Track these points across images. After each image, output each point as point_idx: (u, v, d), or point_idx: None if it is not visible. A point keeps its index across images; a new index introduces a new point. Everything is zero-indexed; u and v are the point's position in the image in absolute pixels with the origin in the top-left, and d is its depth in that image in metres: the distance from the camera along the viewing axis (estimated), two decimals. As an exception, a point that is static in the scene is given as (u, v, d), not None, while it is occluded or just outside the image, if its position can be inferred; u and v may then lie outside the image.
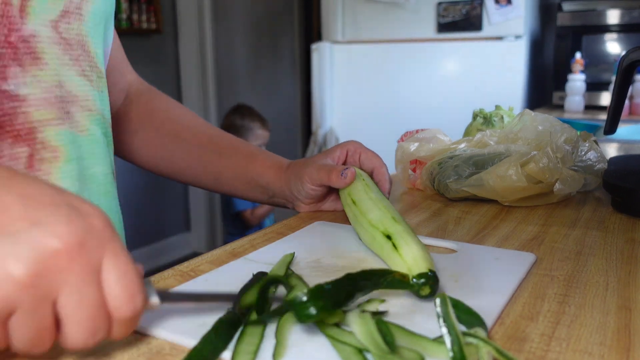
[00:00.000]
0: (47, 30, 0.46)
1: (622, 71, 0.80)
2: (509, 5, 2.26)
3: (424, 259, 0.44)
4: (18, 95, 0.44)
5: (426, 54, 2.45)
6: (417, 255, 0.44)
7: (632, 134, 1.44)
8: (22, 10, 0.44)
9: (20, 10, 0.44)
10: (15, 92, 0.44)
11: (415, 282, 0.41)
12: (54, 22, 0.47)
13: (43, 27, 0.46)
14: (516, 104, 2.29)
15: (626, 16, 2.25)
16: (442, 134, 0.89)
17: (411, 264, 0.44)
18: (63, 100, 0.48)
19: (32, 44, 0.45)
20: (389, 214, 0.51)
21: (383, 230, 0.49)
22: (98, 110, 0.53)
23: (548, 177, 0.71)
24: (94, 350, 0.36)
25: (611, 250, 0.56)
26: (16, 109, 0.44)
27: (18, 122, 0.45)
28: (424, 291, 0.41)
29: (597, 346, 0.36)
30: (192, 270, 0.50)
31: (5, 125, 0.44)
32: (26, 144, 0.45)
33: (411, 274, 0.42)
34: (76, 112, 0.50)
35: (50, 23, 0.46)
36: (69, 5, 0.48)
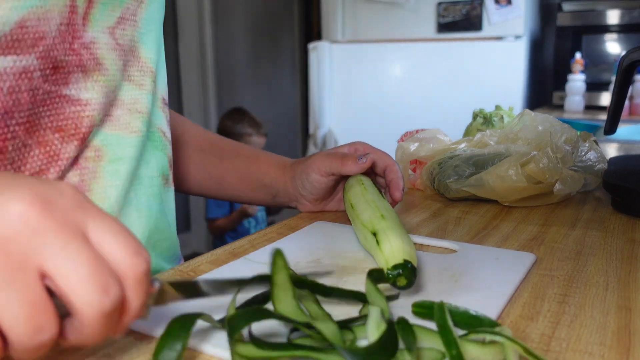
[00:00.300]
0: (105, 37, 0.48)
1: (622, 71, 0.80)
2: (509, 5, 2.26)
3: (401, 250, 0.44)
4: (80, 100, 0.46)
5: (426, 53, 2.45)
6: (394, 247, 0.44)
7: (632, 134, 1.44)
8: (85, 17, 0.45)
9: (83, 18, 0.45)
10: (76, 97, 0.45)
11: (390, 274, 0.41)
12: (111, 28, 0.48)
13: (101, 33, 0.47)
14: (516, 104, 2.29)
15: (626, 16, 2.25)
16: (442, 134, 0.89)
17: (388, 256, 0.44)
18: (115, 104, 0.50)
19: (93, 50, 0.46)
20: (378, 213, 0.51)
21: (371, 229, 0.49)
22: (149, 113, 0.54)
23: (548, 177, 0.71)
24: (94, 350, 0.36)
25: (611, 250, 0.56)
26: (79, 113, 0.46)
27: (83, 125, 0.46)
28: (400, 282, 0.41)
29: (597, 346, 0.36)
30: (192, 270, 0.50)
31: (69, 128, 0.45)
32: (86, 145, 0.47)
33: (387, 267, 0.42)
34: (123, 115, 0.51)
35: (108, 30, 0.48)
36: (126, 12, 0.49)
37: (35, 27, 0.41)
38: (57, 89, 0.44)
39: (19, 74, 0.41)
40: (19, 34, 0.40)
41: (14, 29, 0.40)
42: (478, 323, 0.37)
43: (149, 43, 0.53)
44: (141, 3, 0.51)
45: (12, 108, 0.41)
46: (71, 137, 0.46)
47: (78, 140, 0.46)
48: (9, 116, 0.41)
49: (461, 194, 0.75)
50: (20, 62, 0.41)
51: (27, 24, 0.40)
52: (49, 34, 0.42)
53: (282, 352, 0.31)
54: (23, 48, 0.41)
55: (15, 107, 0.41)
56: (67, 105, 0.45)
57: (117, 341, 0.37)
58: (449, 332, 0.33)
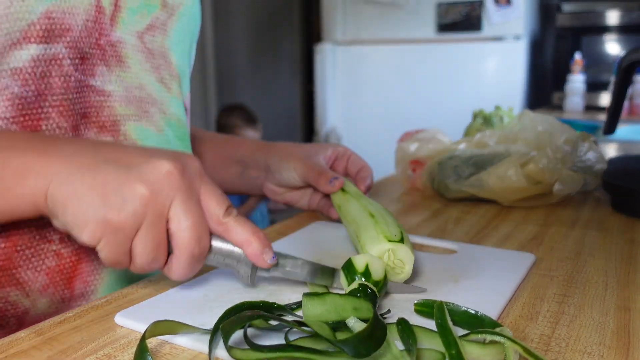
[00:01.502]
0: (132, 39, 0.52)
1: (621, 72, 0.80)
2: (509, 5, 2.26)
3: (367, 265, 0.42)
4: (104, 91, 0.50)
5: (426, 54, 2.45)
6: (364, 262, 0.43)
7: (632, 134, 1.44)
8: (113, 19, 0.50)
9: (111, 19, 0.50)
10: (101, 88, 0.50)
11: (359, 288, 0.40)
12: (140, 33, 0.53)
13: (129, 35, 0.52)
14: (516, 104, 2.29)
15: (626, 17, 2.25)
16: (442, 135, 0.89)
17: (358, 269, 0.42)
18: (142, 100, 0.54)
19: (118, 49, 0.51)
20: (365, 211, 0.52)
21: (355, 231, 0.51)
22: (173, 114, 0.58)
23: (548, 178, 0.71)
24: (94, 350, 0.36)
25: (611, 250, 0.56)
26: (102, 102, 0.50)
27: (103, 114, 0.50)
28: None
29: (597, 346, 0.37)
30: (192, 270, 0.50)
31: (91, 116, 0.49)
32: (110, 134, 0.51)
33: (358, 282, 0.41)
34: (155, 113, 0.55)
35: (137, 33, 0.53)
36: (155, 21, 0.54)
37: (61, 19, 0.46)
38: (86, 79, 0.49)
39: (49, 61, 0.46)
40: (46, 24, 0.45)
41: (41, 19, 0.44)
42: (479, 322, 0.37)
43: (178, 52, 0.58)
44: (171, 15, 0.56)
45: (45, 91, 0.46)
46: (92, 124, 0.49)
47: (97, 128, 0.50)
48: (42, 98, 0.46)
49: (461, 194, 0.75)
50: (50, 50, 0.46)
51: (52, 15, 0.45)
52: (75, 27, 0.47)
53: (280, 353, 0.31)
54: (52, 37, 0.45)
55: (48, 90, 0.46)
56: (92, 95, 0.49)
57: (117, 340, 0.37)
58: (448, 332, 0.33)
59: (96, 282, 0.51)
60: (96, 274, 0.51)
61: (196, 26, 0.61)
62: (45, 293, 0.48)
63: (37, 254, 0.47)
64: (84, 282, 0.50)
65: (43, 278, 0.47)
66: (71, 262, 0.49)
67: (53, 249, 0.48)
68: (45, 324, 0.40)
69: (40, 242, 0.47)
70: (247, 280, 0.43)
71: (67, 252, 0.48)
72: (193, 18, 0.60)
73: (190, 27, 0.60)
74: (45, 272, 0.48)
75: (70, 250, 0.49)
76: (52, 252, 0.48)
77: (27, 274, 0.47)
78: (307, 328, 0.34)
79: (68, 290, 0.49)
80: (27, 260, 0.47)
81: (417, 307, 0.40)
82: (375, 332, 0.32)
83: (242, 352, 0.32)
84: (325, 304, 0.36)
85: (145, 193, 0.37)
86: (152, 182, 0.37)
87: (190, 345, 0.36)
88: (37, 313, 0.48)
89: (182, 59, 0.59)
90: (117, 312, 0.40)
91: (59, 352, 0.36)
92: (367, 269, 0.41)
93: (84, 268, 0.50)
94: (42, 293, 0.48)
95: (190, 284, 0.46)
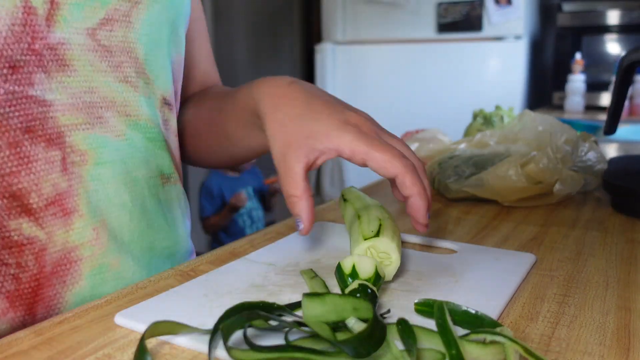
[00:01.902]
0: (80, 38, 0.47)
1: (622, 72, 0.80)
2: (509, 5, 2.26)
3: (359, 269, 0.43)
4: (45, 101, 0.46)
5: (426, 54, 2.45)
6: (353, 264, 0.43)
7: (632, 134, 1.44)
8: (50, 19, 0.45)
9: (47, 19, 0.45)
10: (42, 97, 0.45)
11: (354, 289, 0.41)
12: (90, 29, 0.48)
13: (76, 34, 0.47)
14: (516, 104, 2.29)
15: (626, 17, 2.25)
16: (442, 134, 0.89)
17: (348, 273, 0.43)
18: (94, 105, 0.49)
19: (59, 52, 0.46)
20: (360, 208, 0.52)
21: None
22: (142, 115, 0.53)
23: (548, 178, 0.71)
24: (93, 350, 0.36)
25: (611, 250, 0.56)
26: (45, 113, 0.46)
27: (48, 126, 0.46)
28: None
29: (597, 346, 0.37)
30: (192, 270, 0.50)
31: (36, 129, 0.45)
32: (58, 148, 0.47)
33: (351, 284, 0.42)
34: (111, 117, 0.50)
35: (86, 31, 0.47)
36: (113, 14, 0.49)
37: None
38: (22, 90, 0.44)
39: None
40: None
41: None
42: (479, 322, 0.37)
43: (149, 44, 0.53)
44: (137, 4, 0.51)
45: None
46: (39, 139, 0.46)
47: (45, 142, 0.46)
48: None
49: (461, 194, 0.75)
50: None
51: None
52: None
53: (280, 354, 0.31)
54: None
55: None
56: (34, 106, 0.45)
57: (117, 340, 0.37)
58: (448, 333, 0.33)
59: (60, 306, 0.48)
60: (60, 298, 0.48)
61: (179, 13, 0.56)
62: (4, 318, 0.46)
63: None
64: (47, 306, 0.48)
65: (2, 302, 0.45)
66: (30, 288, 0.46)
67: (10, 273, 0.45)
68: (44, 324, 0.40)
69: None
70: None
71: (25, 278, 0.46)
72: (171, 5, 0.54)
73: (168, 14, 0.54)
74: (5, 295, 0.45)
75: (28, 275, 0.46)
76: (10, 275, 0.45)
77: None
78: (307, 328, 0.34)
79: (29, 316, 0.47)
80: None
81: (417, 306, 0.40)
82: (375, 332, 0.32)
83: (242, 352, 0.32)
84: (325, 304, 0.36)
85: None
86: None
87: (190, 345, 0.36)
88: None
89: (154, 52, 0.53)
90: (117, 312, 0.40)
91: (58, 352, 0.36)
92: (354, 269, 0.42)
93: (46, 293, 0.47)
94: (2, 318, 0.46)
95: (190, 284, 0.46)
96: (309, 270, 0.47)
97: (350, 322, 0.35)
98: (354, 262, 0.42)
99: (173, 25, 0.56)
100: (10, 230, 0.45)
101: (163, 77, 0.56)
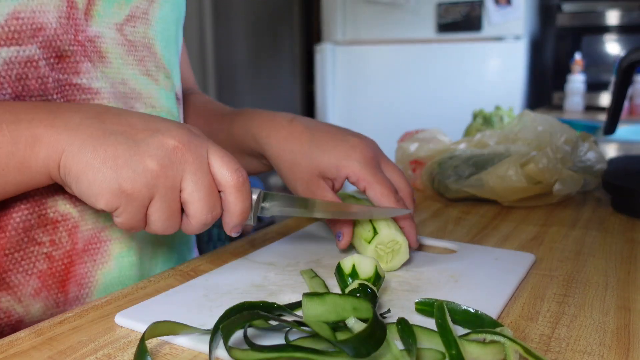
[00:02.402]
0: (111, 32, 0.50)
1: (621, 72, 0.80)
2: (509, 5, 2.26)
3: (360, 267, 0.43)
4: (91, 89, 0.49)
5: (426, 54, 2.45)
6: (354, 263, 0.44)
7: (632, 134, 1.44)
8: (87, 13, 0.48)
9: (85, 14, 0.48)
10: (87, 85, 0.48)
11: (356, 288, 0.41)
12: (119, 25, 0.51)
13: (107, 29, 0.50)
14: (516, 104, 2.29)
15: (626, 17, 2.25)
16: (442, 134, 0.89)
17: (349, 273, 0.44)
18: (127, 95, 0.52)
19: (97, 44, 0.49)
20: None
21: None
22: (163, 107, 0.56)
23: (548, 178, 0.71)
24: (94, 350, 0.36)
25: (611, 250, 0.56)
26: (90, 100, 0.49)
27: None
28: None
29: (597, 346, 0.37)
30: (192, 270, 0.50)
31: None
32: None
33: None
34: (140, 108, 0.53)
35: (115, 26, 0.51)
36: (135, 11, 0.52)
37: (31, 19, 0.44)
38: (67, 78, 0.47)
39: (24, 63, 0.44)
40: (15, 25, 0.43)
41: (8, 20, 0.43)
42: (479, 322, 0.37)
43: (163, 41, 0.56)
44: (152, 2, 0.54)
45: (22, 93, 0.45)
46: None
47: None
48: (20, 100, 0.44)
49: (461, 194, 0.75)
50: (24, 52, 0.44)
51: (21, 16, 0.43)
52: (48, 26, 0.45)
53: (280, 353, 0.31)
54: (23, 39, 0.44)
55: (26, 92, 0.45)
56: (78, 93, 0.48)
57: (117, 341, 0.37)
58: (448, 332, 0.33)
59: (91, 285, 0.50)
60: (90, 277, 0.50)
61: (180, 12, 0.59)
62: (38, 297, 0.47)
63: (26, 257, 0.46)
64: (78, 284, 0.49)
65: (35, 282, 0.47)
66: (63, 265, 0.48)
67: (43, 252, 0.47)
68: (45, 324, 0.40)
69: (29, 245, 0.46)
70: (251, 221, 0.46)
71: (58, 255, 0.48)
72: (177, 4, 0.58)
73: (174, 13, 0.57)
74: (37, 275, 0.47)
75: (61, 252, 0.48)
76: (43, 254, 0.47)
77: (18, 278, 0.46)
78: (307, 328, 0.34)
79: (62, 294, 0.48)
80: (16, 264, 0.46)
81: (418, 306, 0.40)
82: (375, 332, 0.32)
83: (242, 352, 0.32)
84: (325, 304, 0.36)
85: (155, 168, 0.39)
86: (161, 157, 0.39)
87: (190, 345, 0.36)
88: (32, 320, 0.47)
89: (167, 48, 0.57)
90: (117, 312, 0.40)
91: (58, 352, 0.36)
92: (354, 269, 0.42)
93: (77, 271, 0.49)
94: (35, 297, 0.47)
95: (190, 284, 0.46)
96: (309, 270, 0.47)
97: (350, 322, 0.35)
98: (354, 262, 0.42)
99: (178, 24, 0.59)
100: (47, 207, 0.47)
101: (176, 72, 0.59)
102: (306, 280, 0.46)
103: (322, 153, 0.52)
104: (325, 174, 0.52)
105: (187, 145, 0.40)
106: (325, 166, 0.52)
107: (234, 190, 0.42)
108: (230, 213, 0.43)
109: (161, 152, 0.39)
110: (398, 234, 0.49)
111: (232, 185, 0.42)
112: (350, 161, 0.52)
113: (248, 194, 0.43)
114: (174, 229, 0.42)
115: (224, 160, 0.42)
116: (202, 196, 0.41)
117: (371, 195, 0.51)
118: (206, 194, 0.41)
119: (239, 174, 0.42)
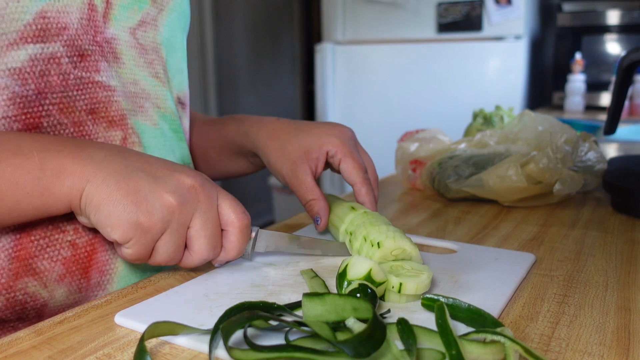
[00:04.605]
0: (125, 35, 0.54)
1: (622, 72, 0.80)
2: (509, 5, 2.26)
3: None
4: (109, 86, 0.51)
5: (426, 54, 2.45)
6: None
7: (632, 134, 1.44)
8: (105, 16, 0.52)
9: (103, 16, 0.51)
10: (107, 83, 0.51)
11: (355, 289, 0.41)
12: (132, 29, 0.54)
13: (122, 32, 0.53)
14: (516, 104, 2.29)
15: (626, 17, 2.25)
16: (442, 134, 0.89)
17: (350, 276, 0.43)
18: (137, 95, 0.55)
19: (113, 45, 0.52)
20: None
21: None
22: (167, 109, 0.59)
23: (548, 178, 0.71)
24: (94, 350, 0.36)
25: (611, 250, 0.56)
26: (109, 97, 0.51)
27: (112, 109, 0.52)
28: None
29: (597, 346, 0.37)
30: (192, 270, 0.50)
31: (99, 111, 0.51)
32: (120, 129, 0.52)
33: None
34: (149, 108, 0.56)
35: (129, 30, 0.54)
36: (146, 17, 0.56)
37: (56, 18, 0.47)
38: (89, 76, 0.50)
39: (47, 60, 0.47)
40: (42, 23, 0.46)
41: (36, 19, 0.46)
42: (482, 320, 0.37)
43: (169, 47, 0.59)
44: (161, 10, 0.57)
45: (45, 89, 0.47)
46: (101, 120, 0.51)
47: (106, 123, 0.51)
48: (42, 96, 0.47)
49: (461, 194, 0.75)
50: (48, 49, 0.47)
51: (47, 15, 0.46)
52: (71, 26, 0.48)
53: (280, 353, 0.31)
54: (48, 37, 0.47)
55: (48, 89, 0.47)
56: (99, 91, 0.51)
57: (117, 341, 0.37)
58: (449, 332, 0.33)
59: (112, 272, 0.52)
60: (111, 264, 0.52)
61: (186, 22, 0.62)
62: (62, 283, 0.49)
63: (52, 244, 0.48)
64: (100, 271, 0.51)
65: (59, 268, 0.48)
66: (86, 252, 0.50)
67: (68, 239, 0.49)
68: (44, 324, 0.40)
69: (54, 233, 0.48)
70: (248, 256, 0.50)
71: (81, 243, 0.49)
72: (183, 13, 0.61)
73: (180, 22, 0.61)
74: (62, 261, 0.48)
75: (85, 240, 0.49)
76: (67, 242, 0.49)
77: (44, 264, 0.48)
78: (307, 328, 0.34)
79: (85, 280, 0.50)
80: (42, 250, 0.48)
81: (424, 301, 0.41)
82: (375, 332, 0.32)
83: (242, 352, 0.32)
84: (325, 304, 0.36)
85: (174, 203, 0.42)
86: (179, 194, 0.42)
87: (190, 345, 0.36)
88: (56, 305, 0.49)
89: (173, 54, 0.60)
90: (117, 312, 0.40)
91: (58, 352, 0.36)
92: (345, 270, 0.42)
93: (99, 258, 0.51)
94: (60, 283, 0.49)
95: (190, 284, 0.46)
96: (309, 270, 0.47)
97: (350, 322, 0.35)
98: (348, 263, 0.42)
99: (183, 33, 0.62)
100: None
101: (178, 78, 0.62)
102: (306, 280, 0.46)
103: (306, 135, 0.59)
104: (309, 153, 0.58)
105: (202, 186, 0.44)
106: (308, 144, 0.58)
107: (237, 231, 0.45)
108: (227, 251, 0.46)
109: (179, 190, 0.43)
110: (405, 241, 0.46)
111: (237, 226, 0.45)
112: (331, 137, 0.58)
113: (249, 236, 0.47)
114: (175, 262, 0.45)
115: (232, 203, 0.46)
116: (208, 234, 0.44)
117: (344, 167, 0.57)
118: (212, 232, 0.44)
119: (245, 216, 0.46)
